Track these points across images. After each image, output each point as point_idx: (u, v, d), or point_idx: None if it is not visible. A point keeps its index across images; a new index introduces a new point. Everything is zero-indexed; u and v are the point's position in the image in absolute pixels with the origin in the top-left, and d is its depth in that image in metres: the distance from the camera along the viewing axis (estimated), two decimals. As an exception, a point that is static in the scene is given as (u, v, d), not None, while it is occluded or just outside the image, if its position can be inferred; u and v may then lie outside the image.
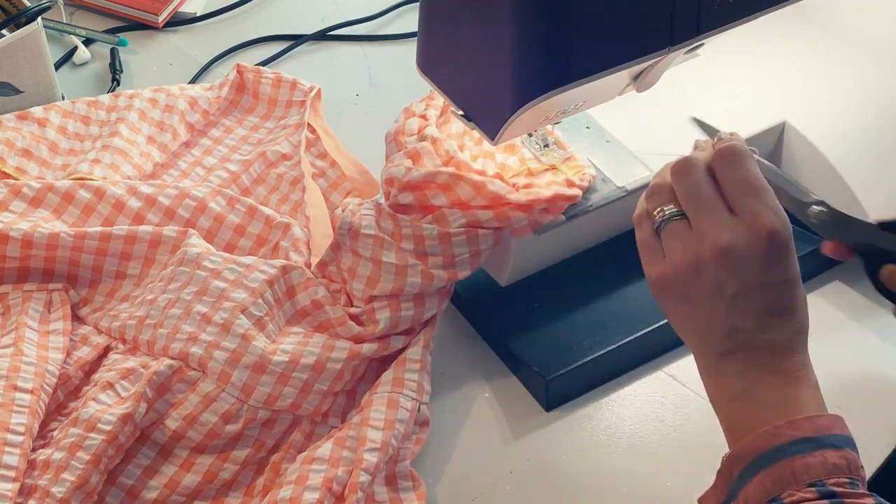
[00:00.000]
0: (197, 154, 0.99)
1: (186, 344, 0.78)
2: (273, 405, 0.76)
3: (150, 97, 0.99)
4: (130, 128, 0.96)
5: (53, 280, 0.85)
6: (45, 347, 0.79)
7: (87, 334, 0.83)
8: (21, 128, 0.95)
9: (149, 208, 0.87)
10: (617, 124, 0.89)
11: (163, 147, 0.97)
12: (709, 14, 0.72)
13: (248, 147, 0.98)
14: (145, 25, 1.15)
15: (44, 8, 0.97)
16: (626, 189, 0.84)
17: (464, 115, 0.75)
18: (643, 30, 0.70)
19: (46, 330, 0.81)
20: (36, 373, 0.76)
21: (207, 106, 1.01)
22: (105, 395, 0.76)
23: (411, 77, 0.80)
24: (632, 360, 0.84)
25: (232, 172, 0.94)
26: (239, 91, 1.04)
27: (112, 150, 0.93)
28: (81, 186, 0.88)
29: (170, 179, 0.96)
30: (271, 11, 1.19)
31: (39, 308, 0.83)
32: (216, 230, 0.88)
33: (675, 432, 0.81)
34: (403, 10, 1.20)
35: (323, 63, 1.14)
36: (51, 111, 0.97)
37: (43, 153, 0.94)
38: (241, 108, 1.03)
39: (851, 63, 0.94)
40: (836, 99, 0.93)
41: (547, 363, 0.82)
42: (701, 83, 0.92)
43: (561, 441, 0.81)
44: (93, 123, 0.98)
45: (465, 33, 0.71)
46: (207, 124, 1.01)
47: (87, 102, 0.99)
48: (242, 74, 1.04)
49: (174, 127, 0.98)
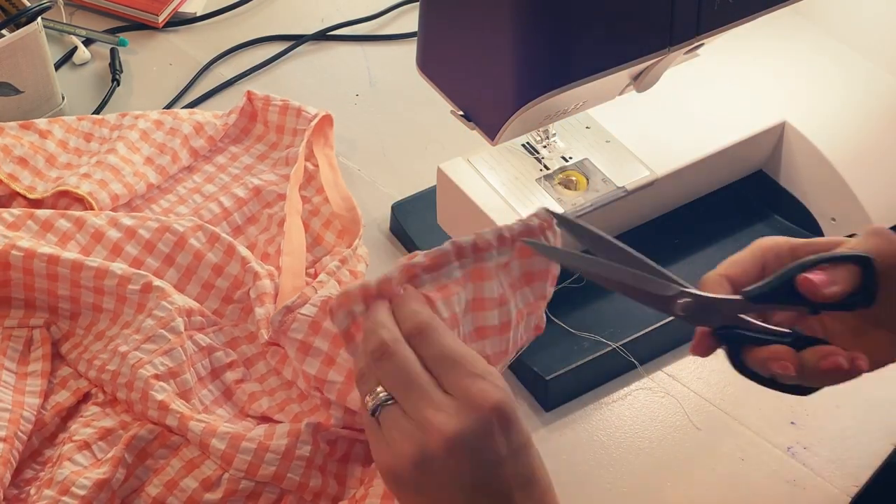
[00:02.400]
0: (198, 180, 0.97)
1: (160, 413, 0.75)
2: (255, 475, 0.73)
3: (155, 119, 0.97)
4: (129, 146, 0.94)
5: (36, 312, 0.83)
6: (21, 391, 0.77)
7: (66, 377, 0.81)
8: (22, 136, 0.94)
9: (128, 240, 0.85)
10: (617, 124, 0.89)
11: (160, 169, 0.94)
12: (709, 14, 0.72)
13: (251, 179, 0.96)
14: (145, 25, 1.15)
15: (44, 8, 0.97)
16: (626, 189, 0.84)
17: (464, 115, 0.75)
18: (643, 30, 0.71)
19: (25, 371, 0.79)
20: (10, 419, 0.74)
21: (214, 132, 0.98)
22: (81, 455, 0.74)
23: (411, 77, 0.80)
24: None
25: (224, 209, 0.92)
26: (252, 119, 1.02)
27: (104, 167, 0.92)
28: (62, 216, 0.86)
29: (165, 203, 0.94)
30: (271, 11, 1.19)
31: (19, 347, 0.80)
32: (195, 267, 0.85)
33: (675, 432, 0.81)
34: (403, 10, 1.20)
35: (323, 63, 1.14)
36: (55, 124, 0.96)
37: (39, 163, 0.93)
38: (252, 135, 1.01)
39: (851, 63, 0.94)
40: (836, 99, 0.93)
41: (547, 363, 0.82)
42: (701, 83, 0.92)
43: (561, 441, 0.81)
44: (94, 140, 0.97)
45: (465, 33, 0.71)
46: (214, 151, 0.99)
47: (92, 120, 0.98)
48: (253, 101, 1.01)
49: (175, 150, 0.96)
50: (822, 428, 0.82)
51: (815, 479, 0.78)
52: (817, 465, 0.79)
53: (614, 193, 0.84)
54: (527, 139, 0.87)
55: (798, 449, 0.80)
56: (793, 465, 0.79)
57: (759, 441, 0.81)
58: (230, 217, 0.92)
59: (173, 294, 0.81)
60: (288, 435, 0.73)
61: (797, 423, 0.82)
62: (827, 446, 0.80)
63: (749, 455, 0.80)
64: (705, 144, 0.88)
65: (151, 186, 0.94)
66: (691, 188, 0.91)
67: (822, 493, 0.78)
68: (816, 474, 0.79)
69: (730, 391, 0.84)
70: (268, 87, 1.09)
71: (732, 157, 0.90)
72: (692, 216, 0.92)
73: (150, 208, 0.93)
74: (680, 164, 0.87)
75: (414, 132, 1.03)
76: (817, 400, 0.83)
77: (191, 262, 0.85)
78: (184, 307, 0.80)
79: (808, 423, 0.82)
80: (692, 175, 0.88)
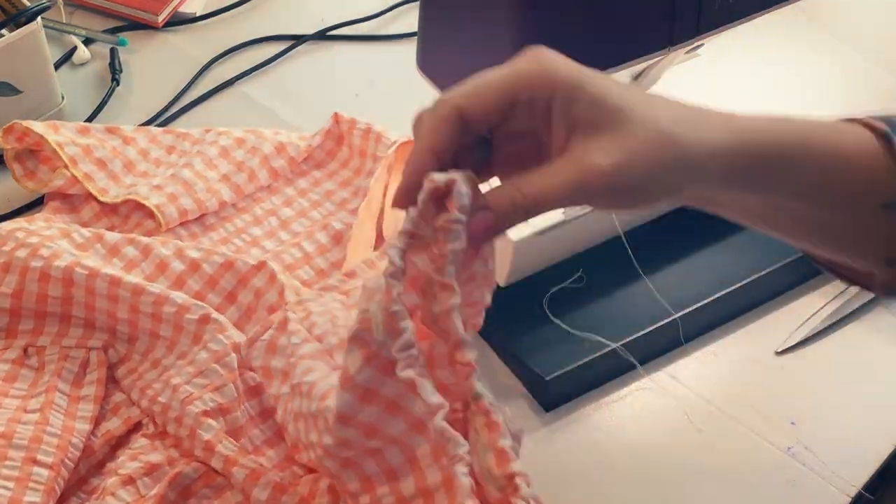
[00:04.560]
0: (276, 202, 0.94)
1: (206, 454, 0.73)
2: None
3: (238, 136, 0.95)
4: (206, 162, 0.92)
5: (95, 332, 0.82)
6: (72, 416, 0.75)
7: (119, 404, 0.79)
8: (106, 140, 0.93)
9: (191, 273, 0.83)
10: (617, 124, 0.89)
11: (235, 187, 0.92)
12: (709, 14, 0.72)
13: (330, 205, 0.94)
14: (145, 25, 1.15)
15: (43, 8, 0.96)
16: (626, 189, 0.84)
17: (464, 115, 0.75)
18: (643, 30, 0.71)
19: (78, 395, 0.77)
20: (58, 445, 0.72)
21: (296, 153, 0.96)
22: (125, 490, 0.72)
23: (411, 77, 0.80)
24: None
25: (306, 254, 0.89)
26: (338, 142, 0.99)
27: (177, 180, 0.90)
28: (130, 242, 0.84)
29: (240, 223, 0.92)
30: (271, 11, 1.19)
31: (74, 369, 0.79)
32: (255, 306, 0.83)
33: (675, 433, 0.81)
34: (403, 9, 1.20)
35: (323, 63, 1.13)
36: (140, 133, 0.95)
37: (116, 167, 0.91)
38: (338, 159, 0.98)
39: (852, 63, 0.95)
40: (835, 99, 0.93)
41: (547, 363, 0.81)
42: (701, 83, 0.92)
43: (561, 441, 0.81)
44: (175, 152, 0.95)
45: (464, 33, 0.71)
46: (298, 174, 0.97)
47: (175, 134, 0.97)
48: (339, 123, 0.98)
49: (253, 169, 0.93)
50: (822, 428, 0.82)
51: (815, 479, 0.78)
52: (817, 465, 0.79)
53: (614, 193, 0.84)
54: (527, 139, 0.87)
55: (798, 449, 0.80)
56: (793, 465, 0.79)
57: (759, 441, 0.81)
58: (312, 261, 0.89)
59: (230, 329, 0.79)
60: (328, 492, 0.70)
61: (797, 424, 0.82)
62: (827, 446, 0.80)
63: (749, 455, 0.80)
64: (705, 144, 0.88)
65: (224, 204, 0.92)
66: (691, 188, 0.91)
67: (822, 493, 0.78)
68: (816, 474, 0.79)
69: (730, 391, 0.84)
70: (268, 87, 1.09)
71: (732, 157, 0.90)
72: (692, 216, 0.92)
73: (224, 227, 0.91)
74: (680, 164, 0.87)
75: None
76: (817, 400, 0.83)
77: (251, 301, 0.83)
78: (239, 343, 0.78)
79: (808, 423, 0.82)
80: (692, 175, 0.88)
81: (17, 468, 0.70)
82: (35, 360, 0.80)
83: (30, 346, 0.80)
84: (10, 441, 0.72)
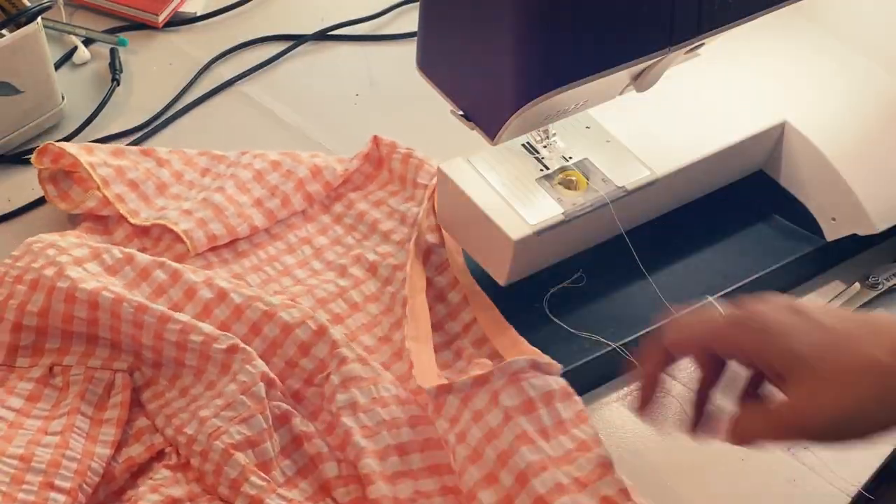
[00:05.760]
0: (311, 231, 0.92)
1: (231, 493, 0.71)
2: None
3: (273, 159, 0.93)
4: (239, 186, 0.91)
5: (121, 354, 0.80)
6: (94, 440, 0.74)
7: (143, 429, 0.77)
8: (140, 162, 0.92)
9: (219, 302, 0.81)
10: (617, 124, 0.89)
11: (268, 213, 0.91)
12: (709, 14, 0.72)
13: (363, 227, 0.92)
14: (145, 25, 1.15)
15: (44, 8, 0.97)
16: (626, 189, 0.84)
17: (464, 115, 0.75)
18: (643, 30, 0.71)
19: (101, 418, 0.76)
20: (77, 470, 0.71)
21: (332, 177, 0.94)
22: None
23: (411, 77, 0.80)
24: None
25: (340, 287, 0.87)
26: (377, 166, 0.96)
27: (207, 205, 0.89)
28: (160, 266, 0.83)
29: (273, 251, 0.90)
30: (271, 11, 1.19)
31: (98, 391, 0.78)
32: (281, 342, 0.80)
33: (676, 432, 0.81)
34: (403, 10, 1.20)
35: (323, 63, 1.14)
36: (174, 155, 0.94)
37: (149, 189, 0.90)
38: (378, 182, 0.96)
39: (852, 63, 0.94)
40: (836, 99, 0.93)
41: (547, 363, 0.82)
42: (701, 83, 0.92)
43: (561, 441, 0.80)
44: (209, 175, 0.94)
45: (465, 33, 0.71)
46: (334, 198, 0.95)
47: (210, 156, 0.95)
48: (379, 146, 0.96)
49: (287, 193, 0.91)
50: (823, 428, 0.81)
51: (815, 479, 0.78)
52: (817, 465, 0.79)
53: (614, 193, 0.84)
54: (527, 139, 0.87)
55: (798, 449, 0.80)
56: (793, 465, 0.79)
57: (759, 441, 0.81)
58: (346, 294, 0.87)
59: (256, 360, 0.77)
60: None
61: (797, 423, 0.82)
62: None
63: (749, 455, 0.80)
64: (705, 144, 0.88)
65: (256, 229, 0.90)
66: (691, 188, 0.91)
67: (822, 493, 0.78)
68: (816, 474, 0.79)
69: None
70: (268, 87, 1.09)
71: (732, 157, 0.90)
72: (692, 216, 0.92)
73: (256, 254, 0.90)
74: (680, 163, 0.87)
75: (414, 132, 1.03)
76: (817, 400, 0.83)
77: (277, 336, 0.80)
78: (267, 374, 0.77)
79: (808, 423, 0.82)
80: (692, 175, 0.88)
81: (34, 492, 0.70)
82: (59, 379, 0.79)
83: (55, 364, 0.80)
84: (28, 465, 0.71)
